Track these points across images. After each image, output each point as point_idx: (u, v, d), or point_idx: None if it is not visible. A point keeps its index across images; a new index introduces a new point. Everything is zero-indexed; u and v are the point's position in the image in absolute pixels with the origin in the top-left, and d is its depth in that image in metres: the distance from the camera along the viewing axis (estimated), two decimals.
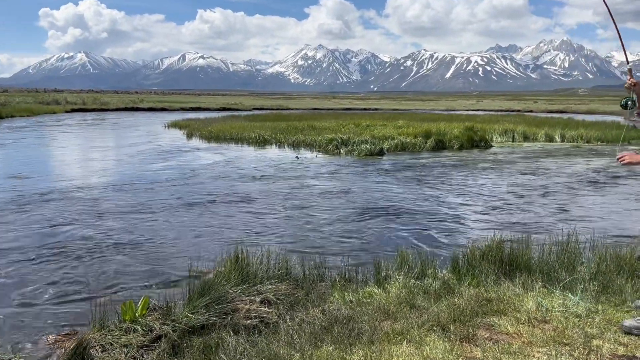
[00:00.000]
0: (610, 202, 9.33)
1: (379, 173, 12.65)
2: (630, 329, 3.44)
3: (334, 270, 4.91)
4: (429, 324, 3.61)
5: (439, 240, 6.68)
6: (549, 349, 3.21)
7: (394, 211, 8.38)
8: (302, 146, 18.50)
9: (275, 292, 4.02)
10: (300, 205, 8.81)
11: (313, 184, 10.98)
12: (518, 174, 12.52)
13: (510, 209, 8.65)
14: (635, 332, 3.41)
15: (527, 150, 18.26)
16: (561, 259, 4.76)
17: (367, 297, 4.17)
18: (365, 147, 16.58)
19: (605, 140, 21.29)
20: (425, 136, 18.72)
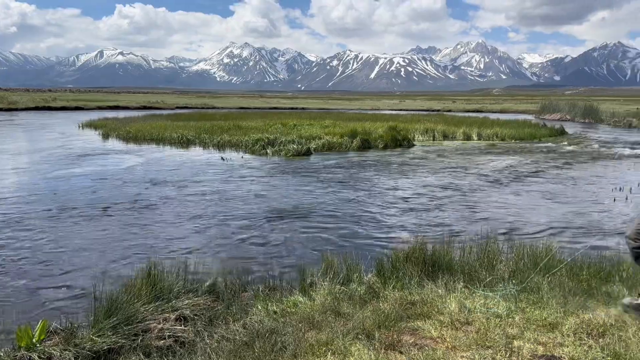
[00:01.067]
0: (525, 200, 9.79)
1: (306, 174, 12.54)
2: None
3: (258, 279, 4.72)
4: (354, 332, 3.51)
5: (365, 243, 6.65)
6: (472, 353, 3.20)
7: (320, 214, 8.29)
8: (228, 147, 18.06)
9: (192, 308, 3.75)
10: (223, 210, 8.50)
11: (237, 186, 10.68)
12: (439, 173, 12.88)
13: (433, 209, 8.83)
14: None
15: (447, 149, 18.91)
16: (481, 259, 4.84)
17: (292, 306, 4.01)
18: (293, 147, 16.46)
19: (518, 138, 22.53)
20: (351, 136, 18.89)
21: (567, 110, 40.59)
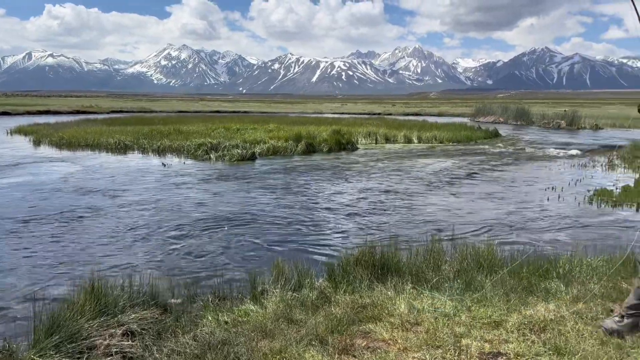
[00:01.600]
0: (465, 201, 10.15)
1: (251, 179, 12.43)
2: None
3: (207, 289, 4.61)
4: (308, 339, 3.51)
5: (316, 249, 6.66)
6: (423, 354, 3.27)
7: (268, 220, 8.23)
8: (169, 152, 17.59)
9: (139, 321, 3.61)
10: (166, 218, 8.27)
11: (180, 194, 10.42)
12: (383, 176, 13.13)
13: (379, 212, 8.98)
14: None
15: (390, 152, 19.32)
16: (428, 260, 4.98)
17: (244, 315, 3.95)
18: (237, 152, 16.27)
19: (456, 140, 23.35)
20: (296, 140, 18.90)
21: (500, 112, 42.50)
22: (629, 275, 4.67)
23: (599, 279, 4.57)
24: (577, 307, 3.99)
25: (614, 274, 4.67)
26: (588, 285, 4.41)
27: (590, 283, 4.47)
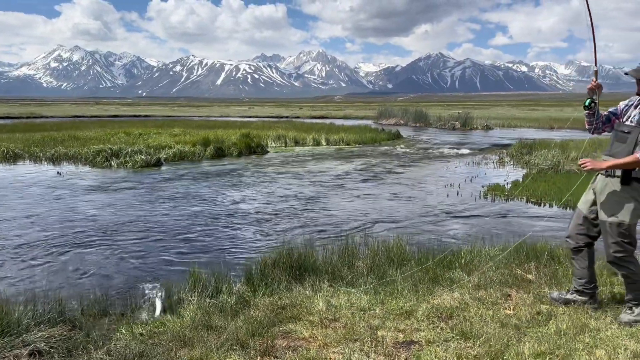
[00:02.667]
0: (373, 200, 10.56)
1: (157, 186, 12.00)
2: (629, 323, 3.69)
3: (118, 302, 4.41)
4: (229, 344, 3.49)
5: (231, 254, 6.59)
6: (343, 348, 3.39)
7: (178, 228, 8.02)
8: (65, 160, 16.45)
9: (47, 340, 3.38)
10: (63, 233, 7.76)
11: (78, 205, 9.82)
12: (294, 179, 13.28)
13: (293, 213, 9.08)
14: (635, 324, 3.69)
15: (299, 154, 19.55)
16: (342, 258, 5.14)
17: (160, 326, 3.84)
18: (141, 158, 15.60)
19: (361, 142, 24.15)
20: (203, 144, 18.51)
21: (401, 115, 44.56)
22: (522, 262, 5.16)
23: (496, 267, 4.99)
24: (479, 294, 4.33)
25: (510, 262, 5.13)
26: (487, 273, 4.80)
27: (489, 271, 4.87)
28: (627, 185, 3.59)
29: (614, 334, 3.51)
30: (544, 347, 3.28)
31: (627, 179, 3.58)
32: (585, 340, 3.40)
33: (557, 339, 3.41)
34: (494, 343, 3.33)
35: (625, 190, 3.60)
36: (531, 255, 5.28)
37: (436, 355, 3.23)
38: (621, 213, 3.61)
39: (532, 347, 3.29)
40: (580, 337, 3.45)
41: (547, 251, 5.35)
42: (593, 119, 3.89)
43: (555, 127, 36.27)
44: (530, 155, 16.06)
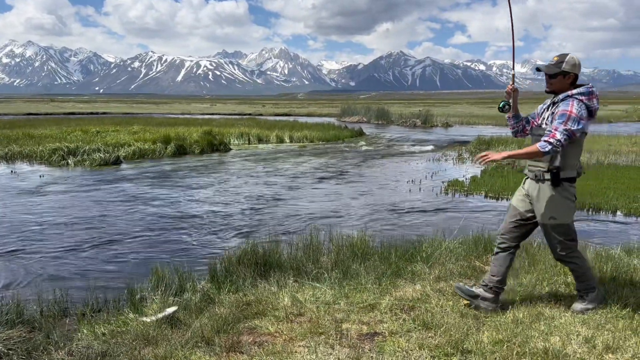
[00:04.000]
0: (337, 196, 10.64)
1: (116, 185, 11.74)
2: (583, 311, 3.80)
3: (79, 302, 4.32)
4: (193, 341, 3.48)
5: (195, 253, 6.52)
6: (308, 341, 3.43)
7: (140, 227, 7.88)
8: (19, 159, 15.86)
9: (5, 342, 3.29)
10: (23, 229, 7.52)
11: (34, 205, 9.50)
12: (257, 176, 13.23)
13: (257, 211, 9.06)
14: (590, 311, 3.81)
15: (263, 152, 19.48)
16: (307, 253, 5.18)
17: (122, 325, 3.78)
18: (99, 156, 15.20)
19: (325, 139, 24.26)
20: (164, 141, 18.19)
21: (364, 113, 44.94)
22: (480, 254, 5.33)
23: (456, 259, 5.14)
24: (440, 286, 4.46)
25: (468, 254, 5.29)
26: (447, 266, 4.94)
27: (449, 263, 5.01)
28: (558, 186, 3.61)
29: (567, 321, 3.67)
30: (501, 335, 3.41)
31: (556, 181, 3.60)
32: (541, 328, 3.55)
33: (514, 327, 3.55)
34: (454, 332, 3.44)
35: (557, 191, 3.62)
36: (489, 248, 5.45)
37: (399, 346, 3.32)
38: (559, 215, 3.66)
39: (490, 335, 3.42)
40: (536, 325, 3.60)
41: None
42: (513, 122, 3.99)
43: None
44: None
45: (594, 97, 3.61)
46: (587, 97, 3.58)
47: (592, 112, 3.60)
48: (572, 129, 3.46)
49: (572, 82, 3.68)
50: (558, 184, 3.61)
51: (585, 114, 3.55)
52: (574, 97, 3.57)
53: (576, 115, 3.49)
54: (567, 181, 3.63)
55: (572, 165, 3.63)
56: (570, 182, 3.64)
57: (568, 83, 3.66)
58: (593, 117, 3.64)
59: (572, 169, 3.63)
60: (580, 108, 3.52)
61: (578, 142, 3.60)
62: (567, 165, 3.61)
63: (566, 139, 3.47)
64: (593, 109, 3.59)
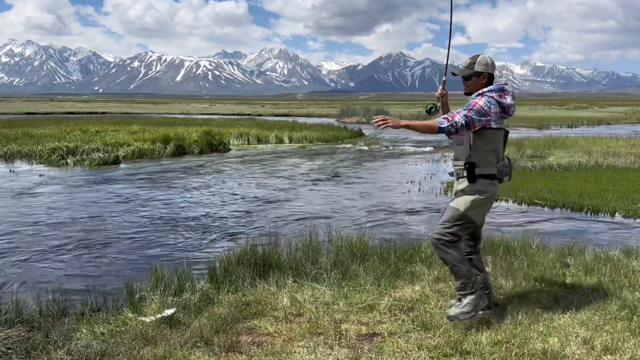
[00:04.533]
0: (337, 196, 10.65)
1: (115, 185, 11.74)
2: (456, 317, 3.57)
3: (78, 301, 4.32)
4: (192, 341, 3.48)
5: (194, 253, 6.52)
6: (307, 342, 3.44)
7: (139, 227, 7.87)
8: (18, 158, 15.86)
9: (4, 341, 3.29)
10: (23, 228, 7.51)
11: (32, 204, 9.50)
12: (256, 176, 13.23)
13: (256, 211, 9.06)
14: (461, 317, 3.56)
15: (262, 152, 19.48)
16: (307, 254, 5.18)
17: (122, 325, 3.78)
18: (98, 156, 15.20)
19: (324, 140, 24.26)
20: (164, 141, 18.18)
21: (363, 113, 44.92)
22: None
23: None
24: (439, 287, 4.46)
25: None
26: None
27: None
28: (474, 182, 3.55)
29: (566, 322, 3.68)
30: (500, 336, 3.42)
31: (472, 177, 3.54)
32: (540, 329, 3.56)
33: (512, 328, 3.56)
34: (453, 333, 3.44)
35: (471, 186, 3.56)
36: (487, 249, 5.45)
37: (398, 346, 3.32)
38: (459, 202, 3.59)
39: (489, 336, 3.43)
40: (535, 326, 3.60)
41: (503, 245, 5.54)
42: None
43: (511, 126, 37.40)
44: None
45: (507, 94, 3.58)
46: (498, 94, 3.56)
47: (505, 109, 3.56)
48: (472, 117, 3.44)
49: (487, 81, 3.67)
50: (474, 180, 3.54)
51: (496, 109, 3.52)
52: (484, 94, 3.56)
53: (481, 108, 3.47)
54: (484, 178, 3.55)
55: (488, 162, 3.56)
56: (488, 179, 3.56)
57: (483, 83, 3.66)
58: (507, 114, 3.59)
59: (488, 166, 3.56)
60: (489, 103, 3.50)
61: (492, 138, 3.55)
62: (483, 161, 3.54)
63: (463, 125, 3.43)
64: (505, 105, 3.55)
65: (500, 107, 3.54)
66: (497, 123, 3.54)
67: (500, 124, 3.58)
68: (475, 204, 3.56)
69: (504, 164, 3.67)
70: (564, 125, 38.11)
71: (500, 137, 3.62)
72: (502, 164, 3.64)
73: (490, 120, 3.50)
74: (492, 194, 3.61)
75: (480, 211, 3.63)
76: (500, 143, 3.63)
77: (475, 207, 3.57)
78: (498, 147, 3.61)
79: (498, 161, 3.62)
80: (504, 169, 3.66)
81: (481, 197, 3.56)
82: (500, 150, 3.64)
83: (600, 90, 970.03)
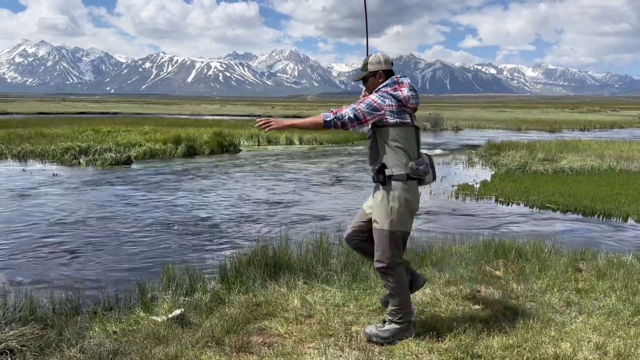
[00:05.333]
0: (349, 197, 10.65)
1: (127, 184, 11.83)
2: (370, 336, 3.46)
3: (91, 300, 4.36)
4: (204, 341, 3.50)
5: (205, 253, 6.56)
6: (318, 343, 3.45)
7: (151, 226, 7.93)
8: (31, 157, 16.04)
9: (18, 338, 3.33)
10: (36, 227, 7.60)
11: (46, 203, 9.60)
12: (269, 177, 13.27)
13: (267, 212, 9.09)
14: (374, 339, 3.44)
15: (272, 153, 19.53)
16: (317, 255, 5.19)
17: (134, 324, 3.82)
18: (110, 156, 15.33)
19: (334, 142, 24.27)
20: (175, 142, 18.30)
21: None
22: (490, 259, 5.31)
23: (466, 264, 5.13)
24: (450, 290, 4.45)
25: (479, 259, 5.28)
26: (458, 270, 4.93)
27: (459, 268, 5.00)
28: (385, 185, 3.36)
29: (578, 327, 3.66)
30: (512, 340, 3.40)
31: (384, 180, 3.36)
32: (551, 334, 3.54)
33: (524, 332, 3.54)
34: (464, 337, 3.43)
35: (384, 190, 3.37)
36: (499, 253, 5.43)
37: (408, 349, 3.32)
38: (380, 218, 3.39)
39: (500, 340, 3.41)
40: (546, 331, 3.58)
41: (514, 249, 5.51)
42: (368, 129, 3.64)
43: (523, 129, 37.17)
44: (499, 156, 16.44)
45: (402, 86, 3.42)
46: (392, 87, 3.41)
47: (402, 102, 3.38)
48: (362, 110, 3.32)
49: (385, 79, 3.51)
50: (385, 183, 3.35)
51: (391, 102, 3.35)
52: (378, 90, 3.43)
53: (372, 101, 3.34)
54: (397, 180, 3.34)
55: (399, 163, 3.34)
56: (400, 181, 3.34)
57: (381, 82, 3.51)
58: (406, 107, 3.39)
59: (399, 167, 3.34)
60: (382, 97, 3.36)
61: (398, 135, 3.34)
62: (392, 162, 3.34)
63: (352, 118, 3.32)
64: (402, 97, 3.37)
65: (396, 100, 3.36)
66: (396, 117, 3.34)
67: (403, 118, 3.36)
68: (395, 210, 3.34)
69: (419, 162, 3.39)
70: (576, 129, 37.78)
71: (410, 134, 3.40)
72: (416, 163, 3.37)
73: (385, 114, 3.32)
74: (409, 198, 3.37)
75: (403, 218, 3.39)
76: (411, 140, 3.40)
77: (396, 214, 3.35)
78: (407, 144, 3.37)
79: (410, 159, 3.37)
80: (420, 167, 3.37)
81: (399, 206, 3.34)
82: (411, 147, 3.40)
83: (613, 94, 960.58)
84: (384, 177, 3.36)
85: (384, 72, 3.52)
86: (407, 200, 3.37)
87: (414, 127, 3.45)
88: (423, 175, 3.41)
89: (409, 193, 3.38)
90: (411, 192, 3.40)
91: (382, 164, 3.38)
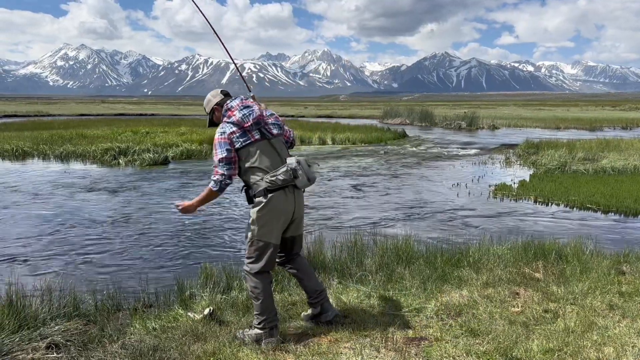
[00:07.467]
0: (382, 198, 10.60)
1: (166, 185, 12.09)
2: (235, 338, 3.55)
3: (132, 297, 4.49)
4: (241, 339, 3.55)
5: (241, 252, 6.66)
6: (353, 343, 3.45)
7: (191, 225, 8.09)
8: (73, 158, 16.60)
9: (63, 333, 3.46)
10: (82, 226, 7.86)
11: (91, 203, 9.92)
12: None
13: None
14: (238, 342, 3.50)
15: (305, 153, 19.59)
16: (351, 255, 5.19)
17: (173, 321, 3.91)
18: (148, 156, 15.71)
19: (367, 141, 24.17)
20: (211, 143, 18.57)
21: (407, 115, 44.47)
22: (529, 261, 5.20)
23: (504, 265, 5.03)
24: (487, 292, 4.38)
25: (517, 261, 5.17)
26: (495, 272, 4.84)
27: (497, 269, 4.91)
28: (251, 202, 3.50)
29: (622, 331, 3.54)
30: (552, 344, 3.32)
31: (250, 199, 3.50)
32: (594, 338, 3.44)
33: (565, 336, 3.45)
34: (503, 340, 3.37)
35: (252, 208, 3.50)
36: (539, 254, 5.31)
37: (445, 351, 3.28)
38: (247, 228, 3.55)
39: (540, 344, 3.34)
40: (589, 335, 3.49)
41: (554, 250, 5.38)
42: None
43: (562, 127, 36.15)
44: (537, 155, 16.06)
45: (233, 111, 3.49)
46: (226, 116, 3.51)
47: (239, 124, 3.43)
48: (222, 156, 3.39)
49: (221, 110, 3.60)
50: (251, 202, 3.49)
51: (231, 129, 3.43)
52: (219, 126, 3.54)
53: (219, 140, 3.42)
54: (258, 196, 3.43)
55: (257, 180, 3.43)
56: (260, 196, 3.42)
57: (220, 116, 3.62)
58: (244, 126, 3.44)
59: (257, 184, 3.43)
60: (223, 130, 3.44)
61: (249, 154, 3.42)
62: (251, 179, 3.45)
63: (225, 169, 3.39)
64: (236, 121, 3.43)
65: (235, 126, 3.44)
66: (241, 140, 3.42)
67: (249, 138, 3.43)
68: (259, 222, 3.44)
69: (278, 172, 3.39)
70: (618, 127, 36.49)
71: (263, 148, 3.46)
72: (271, 175, 3.40)
73: (234, 143, 3.41)
74: (273, 208, 3.42)
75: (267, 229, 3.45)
76: (265, 154, 3.46)
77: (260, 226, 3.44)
78: (259, 160, 3.43)
79: (267, 173, 3.41)
80: (278, 178, 3.38)
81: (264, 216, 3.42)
82: (265, 161, 3.44)
83: None
84: (249, 197, 3.50)
85: (218, 105, 3.63)
86: (272, 211, 3.43)
87: (265, 140, 3.50)
88: (285, 183, 3.41)
89: (272, 205, 3.43)
90: (276, 204, 3.43)
91: (245, 185, 3.53)
